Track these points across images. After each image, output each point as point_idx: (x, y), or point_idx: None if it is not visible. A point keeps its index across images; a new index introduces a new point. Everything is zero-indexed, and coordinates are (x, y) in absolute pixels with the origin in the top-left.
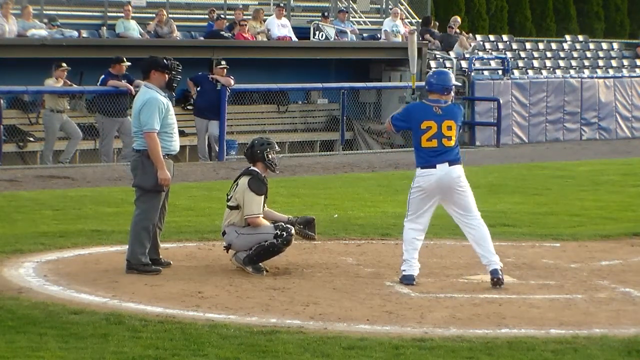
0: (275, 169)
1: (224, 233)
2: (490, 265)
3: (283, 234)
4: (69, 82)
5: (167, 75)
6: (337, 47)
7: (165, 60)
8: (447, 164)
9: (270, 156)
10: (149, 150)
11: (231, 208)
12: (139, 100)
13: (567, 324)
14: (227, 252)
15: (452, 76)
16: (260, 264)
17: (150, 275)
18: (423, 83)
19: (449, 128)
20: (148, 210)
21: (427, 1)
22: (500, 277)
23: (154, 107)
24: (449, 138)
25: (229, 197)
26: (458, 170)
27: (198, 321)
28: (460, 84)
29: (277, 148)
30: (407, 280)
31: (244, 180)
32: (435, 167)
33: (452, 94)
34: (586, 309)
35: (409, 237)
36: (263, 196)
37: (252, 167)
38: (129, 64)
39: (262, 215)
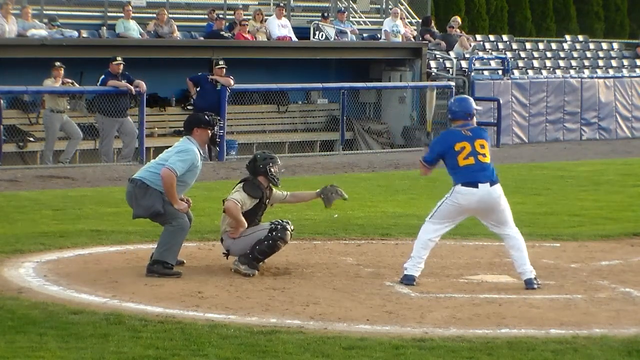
0: (278, 183)
1: (222, 240)
2: (524, 274)
3: (278, 227)
4: (70, 81)
5: (209, 131)
6: (337, 47)
7: (206, 117)
8: (488, 184)
9: (272, 170)
10: (164, 189)
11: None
12: (179, 145)
13: (567, 324)
14: (227, 258)
15: (473, 101)
16: (256, 263)
17: (168, 278)
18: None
19: (482, 146)
20: (177, 219)
21: (427, 1)
22: (535, 287)
23: (190, 158)
24: (484, 155)
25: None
26: (498, 189)
27: (198, 321)
28: (480, 108)
29: (279, 162)
30: (407, 280)
31: (240, 185)
32: (477, 186)
33: (475, 119)
34: (586, 309)
35: (424, 237)
36: (253, 198)
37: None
38: (122, 62)
39: (239, 206)
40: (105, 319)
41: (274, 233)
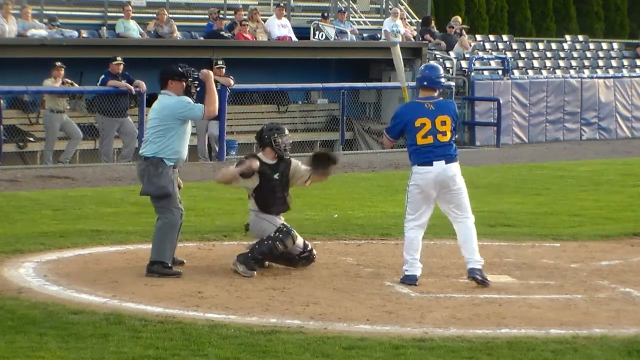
0: (285, 154)
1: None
2: (468, 263)
3: (282, 229)
4: (69, 81)
5: (184, 83)
6: (337, 47)
7: (180, 68)
8: (443, 161)
9: (278, 141)
10: (214, 110)
11: (248, 196)
12: (159, 104)
13: (567, 324)
14: (245, 233)
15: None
16: (254, 264)
17: (168, 278)
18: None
19: (443, 123)
20: (170, 212)
21: (427, 1)
22: (477, 277)
23: (184, 101)
24: (444, 133)
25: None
26: (454, 168)
27: (198, 321)
28: (445, 82)
29: (287, 133)
30: (410, 280)
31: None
32: (432, 164)
33: (440, 90)
34: (586, 309)
35: (409, 237)
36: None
37: (263, 152)
38: (122, 62)
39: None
40: (105, 319)
41: (276, 234)
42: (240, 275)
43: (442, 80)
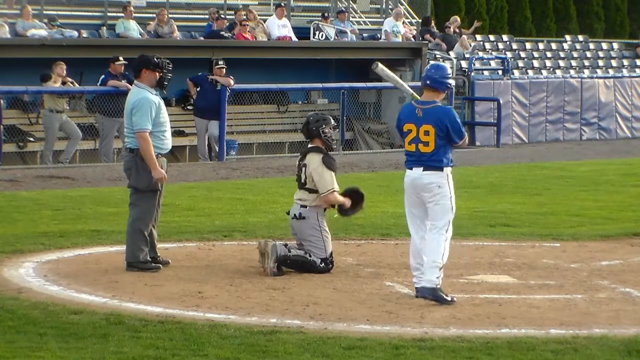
0: (332, 144)
1: (305, 206)
2: (419, 281)
3: (329, 265)
4: (70, 80)
5: (157, 74)
6: (337, 47)
7: (155, 59)
8: (421, 168)
9: (326, 131)
10: (141, 151)
11: (310, 191)
12: (130, 100)
13: (567, 324)
14: (295, 219)
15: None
16: (285, 268)
17: (150, 272)
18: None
19: (426, 133)
20: (143, 212)
21: (427, 1)
22: (421, 297)
23: (145, 107)
24: (426, 144)
25: (303, 181)
26: (432, 177)
27: (198, 321)
28: (453, 82)
29: (333, 122)
30: (417, 292)
31: (316, 159)
32: (411, 169)
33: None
34: (586, 309)
35: (411, 247)
36: (334, 171)
37: (312, 145)
38: (125, 62)
39: (336, 190)
40: (105, 319)
41: (323, 264)
42: (240, 275)
43: (449, 81)
